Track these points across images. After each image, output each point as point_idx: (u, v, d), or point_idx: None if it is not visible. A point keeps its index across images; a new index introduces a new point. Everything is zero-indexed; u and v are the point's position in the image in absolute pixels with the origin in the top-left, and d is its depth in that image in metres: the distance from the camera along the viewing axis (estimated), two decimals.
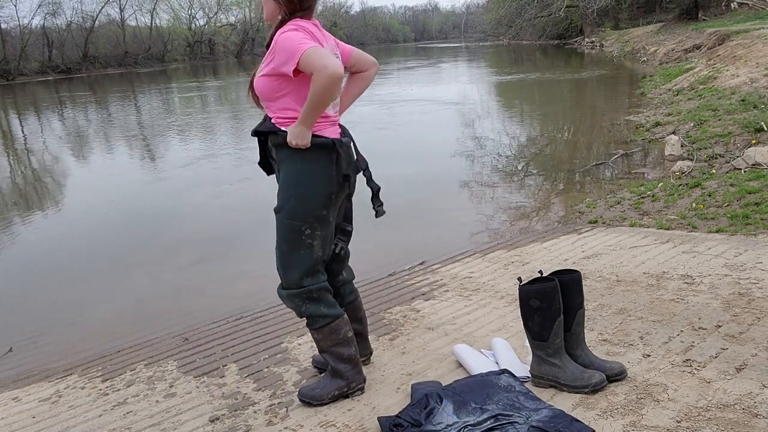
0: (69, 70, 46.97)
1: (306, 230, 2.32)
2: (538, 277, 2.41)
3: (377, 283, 3.97)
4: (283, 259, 2.38)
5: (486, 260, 4.23)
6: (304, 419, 2.40)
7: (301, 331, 3.29)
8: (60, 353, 3.73)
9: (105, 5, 52.00)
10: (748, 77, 10.08)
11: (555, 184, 7.09)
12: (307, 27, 2.25)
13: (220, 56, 60.61)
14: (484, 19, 60.65)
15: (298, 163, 2.28)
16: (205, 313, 4.04)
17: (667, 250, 3.98)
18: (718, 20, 22.21)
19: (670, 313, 2.99)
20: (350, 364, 2.47)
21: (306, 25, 2.25)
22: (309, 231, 2.32)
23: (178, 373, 2.99)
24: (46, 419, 2.70)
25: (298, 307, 2.40)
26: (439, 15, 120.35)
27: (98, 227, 6.63)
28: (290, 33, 2.18)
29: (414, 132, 11.40)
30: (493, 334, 2.96)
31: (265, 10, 2.34)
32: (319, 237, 2.35)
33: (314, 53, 2.10)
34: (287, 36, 2.18)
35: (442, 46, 69.90)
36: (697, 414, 2.15)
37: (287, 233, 2.34)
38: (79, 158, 11.68)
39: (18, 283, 5.16)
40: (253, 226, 6.04)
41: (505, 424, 2.08)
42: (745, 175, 5.70)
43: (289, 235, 2.34)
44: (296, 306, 2.40)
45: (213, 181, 8.37)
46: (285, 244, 2.35)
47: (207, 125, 14.34)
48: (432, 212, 6.25)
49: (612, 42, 32.06)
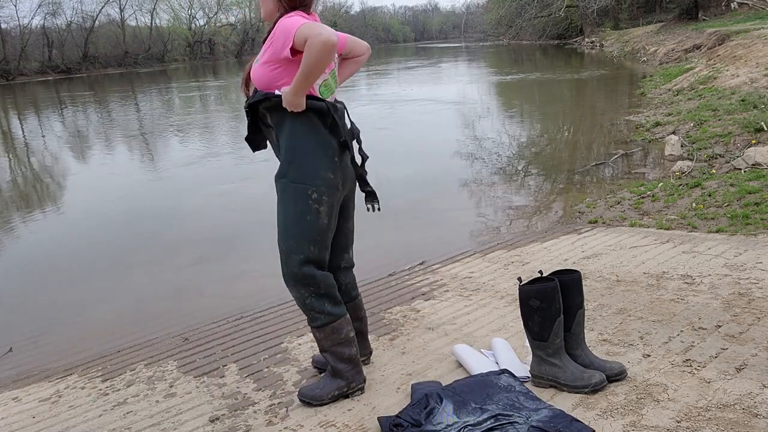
0: (69, 70, 46.98)
1: (313, 194, 2.28)
2: (538, 277, 2.41)
3: (377, 283, 3.97)
4: (286, 229, 2.32)
5: (486, 260, 4.23)
6: (304, 419, 2.40)
7: (301, 331, 3.29)
8: (60, 353, 3.73)
9: (105, 5, 52.08)
10: (748, 77, 10.08)
11: (555, 184, 7.09)
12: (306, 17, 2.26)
13: (220, 56, 60.62)
14: (484, 19, 60.62)
15: (297, 121, 2.26)
16: (205, 313, 4.04)
17: (667, 250, 3.98)
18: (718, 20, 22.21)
19: (670, 313, 2.99)
20: (351, 364, 2.47)
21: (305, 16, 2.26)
22: (316, 195, 2.28)
23: (178, 373, 2.99)
24: (46, 419, 2.70)
25: (303, 298, 2.38)
26: (439, 15, 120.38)
27: (98, 227, 6.63)
28: (288, 19, 2.19)
29: (414, 132, 11.40)
30: (493, 334, 2.96)
31: (263, 8, 2.34)
32: (326, 203, 2.30)
33: (308, 26, 2.11)
34: (284, 21, 2.19)
35: (442, 46, 69.90)
36: (697, 414, 2.15)
37: (293, 198, 2.29)
38: (79, 158, 11.67)
39: (18, 283, 5.16)
40: (253, 226, 6.04)
41: (505, 424, 2.08)
42: (745, 175, 5.70)
43: (295, 199, 2.29)
44: (301, 296, 2.38)
45: (213, 180, 8.37)
46: (290, 209, 2.30)
47: (207, 125, 14.35)
48: (432, 212, 6.24)
49: (612, 42, 32.06)
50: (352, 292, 2.62)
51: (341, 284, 2.56)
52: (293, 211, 2.30)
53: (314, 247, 2.33)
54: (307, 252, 2.32)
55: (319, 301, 2.37)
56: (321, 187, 2.29)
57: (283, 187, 2.32)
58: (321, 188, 2.29)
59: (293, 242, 2.32)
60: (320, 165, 2.29)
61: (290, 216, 2.31)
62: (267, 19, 2.34)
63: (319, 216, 2.31)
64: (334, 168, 2.32)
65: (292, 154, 2.29)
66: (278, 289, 3.88)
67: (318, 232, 2.32)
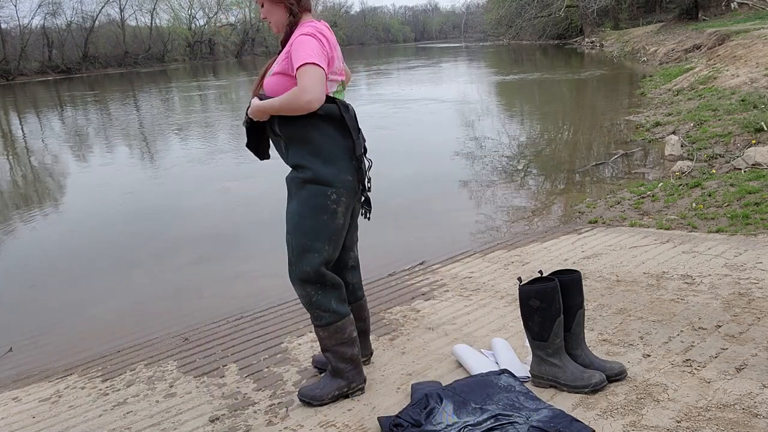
0: (69, 70, 46.99)
1: (332, 194, 2.28)
2: (538, 277, 2.41)
3: (377, 283, 3.97)
4: (299, 227, 2.30)
5: (486, 260, 4.23)
6: (304, 419, 2.40)
7: (301, 331, 3.29)
8: (60, 353, 3.73)
9: (105, 5, 52.10)
10: (748, 77, 10.08)
11: (555, 184, 7.09)
12: (325, 33, 2.25)
13: (220, 56, 60.63)
14: (484, 19, 60.63)
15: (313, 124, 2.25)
16: (205, 313, 4.04)
17: (667, 250, 3.98)
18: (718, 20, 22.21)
19: (670, 313, 2.99)
20: (352, 364, 2.47)
21: (323, 31, 2.26)
22: (335, 196, 2.29)
23: (178, 373, 2.99)
24: (46, 419, 2.70)
25: (309, 296, 2.37)
26: (439, 15, 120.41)
27: (98, 227, 6.63)
28: (308, 38, 2.19)
29: (414, 132, 11.40)
30: (493, 334, 2.96)
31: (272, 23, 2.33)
32: (343, 204, 2.31)
33: (312, 73, 2.13)
34: (304, 40, 2.18)
35: (442, 46, 69.90)
36: (697, 414, 2.15)
37: (310, 197, 2.28)
38: (79, 158, 11.67)
39: (18, 283, 5.16)
40: (254, 226, 6.04)
41: (505, 424, 2.08)
42: (745, 175, 5.70)
43: (312, 198, 2.28)
44: (308, 294, 2.37)
45: (214, 180, 8.36)
46: (306, 208, 2.29)
47: (207, 125, 14.34)
48: (432, 212, 6.24)
49: (612, 42, 32.06)
50: (358, 292, 2.63)
51: (348, 283, 2.57)
52: (309, 210, 2.29)
53: (329, 246, 2.33)
54: (321, 251, 2.32)
55: (326, 299, 2.38)
56: (341, 189, 2.29)
57: (300, 186, 2.31)
58: (341, 190, 2.29)
59: (307, 240, 2.31)
60: (341, 167, 2.29)
61: (306, 215, 2.30)
62: (278, 31, 2.34)
63: (336, 216, 2.31)
64: (353, 170, 2.33)
65: (311, 160, 2.28)
66: (278, 289, 3.90)
67: (334, 231, 2.33)
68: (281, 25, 2.31)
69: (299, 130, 2.26)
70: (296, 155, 2.31)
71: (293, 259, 2.36)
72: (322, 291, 2.37)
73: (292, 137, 2.29)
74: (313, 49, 2.16)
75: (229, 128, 13.76)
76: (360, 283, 2.65)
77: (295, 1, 2.28)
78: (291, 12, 2.28)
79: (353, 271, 2.60)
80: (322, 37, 2.22)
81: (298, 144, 2.29)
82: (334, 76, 2.29)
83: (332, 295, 2.39)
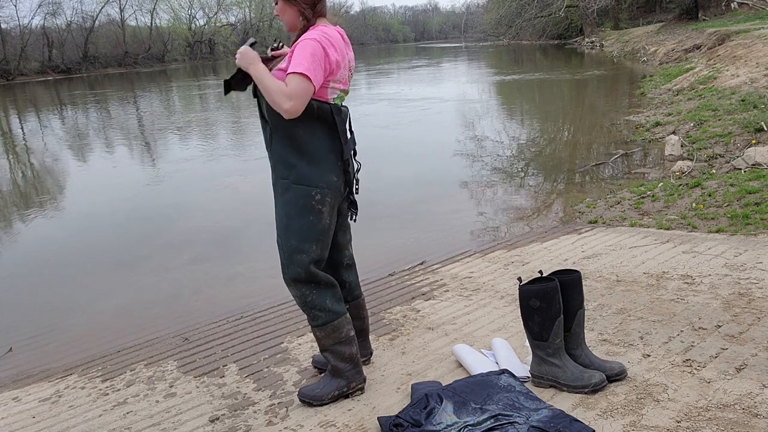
0: (69, 70, 47.00)
1: (316, 195, 2.29)
2: (538, 277, 2.41)
3: (377, 283, 3.97)
4: (287, 229, 2.32)
5: (486, 260, 4.23)
6: (304, 419, 2.40)
7: (301, 331, 3.29)
8: (60, 353, 3.73)
9: (105, 5, 52.14)
10: (748, 77, 10.08)
11: (555, 184, 7.09)
12: (333, 40, 2.24)
13: (220, 56, 60.59)
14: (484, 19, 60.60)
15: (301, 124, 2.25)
16: (205, 313, 4.04)
17: (667, 250, 3.98)
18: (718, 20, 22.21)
19: (670, 313, 2.99)
20: (351, 364, 2.47)
21: (331, 38, 2.24)
22: (320, 196, 2.29)
23: (178, 373, 2.99)
24: (46, 419, 2.70)
25: (303, 297, 2.38)
26: (439, 15, 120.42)
27: (98, 227, 6.63)
28: (311, 44, 2.18)
29: (414, 132, 11.40)
30: (493, 334, 2.97)
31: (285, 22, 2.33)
32: (328, 204, 2.32)
33: (300, 85, 2.13)
34: (306, 45, 2.18)
35: (442, 46, 69.89)
36: (697, 414, 2.15)
37: (295, 198, 2.29)
38: (79, 158, 11.67)
39: (18, 282, 5.16)
40: (254, 226, 6.05)
41: (505, 424, 2.08)
42: (745, 175, 5.70)
43: (297, 200, 2.29)
44: (302, 295, 2.38)
45: (214, 179, 8.37)
46: (293, 210, 2.30)
47: (207, 124, 14.34)
48: (432, 212, 6.24)
49: (612, 42, 32.05)
50: (355, 291, 2.63)
51: (345, 282, 2.58)
52: (296, 212, 2.30)
53: (317, 247, 2.34)
54: (310, 251, 2.33)
55: (321, 298, 2.38)
56: (325, 189, 2.30)
57: (285, 188, 2.32)
58: (325, 190, 2.30)
59: (295, 242, 2.32)
60: (325, 168, 2.29)
61: (293, 216, 2.31)
62: (291, 31, 2.34)
63: (322, 216, 2.32)
64: (338, 171, 2.33)
65: (295, 157, 2.29)
66: (278, 289, 3.89)
67: (320, 232, 2.33)
68: (293, 25, 2.31)
69: (287, 123, 2.25)
70: (279, 147, 2.31)
71: (285, 261, 2.37)
72: (317, 290, 2.37)
73: (278, 128, 2.29)
74: (310, 59, 2.16)
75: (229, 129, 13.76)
76: (357, 282, 2.65)
77: (309, 6, 2.27)
78: (304, 16, 2.28)
79: (349, 270, 2.61)
80: (328, 44, 2.21)
81: (283, 137, 2.29)
82: (336, 84, 2.29)
83: (327, 294, 2.39)
